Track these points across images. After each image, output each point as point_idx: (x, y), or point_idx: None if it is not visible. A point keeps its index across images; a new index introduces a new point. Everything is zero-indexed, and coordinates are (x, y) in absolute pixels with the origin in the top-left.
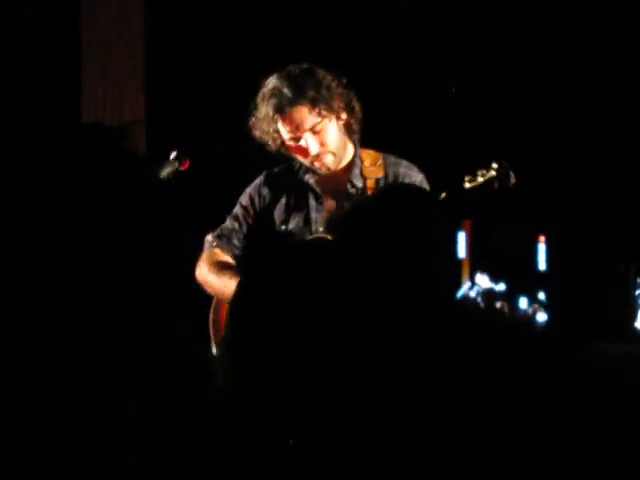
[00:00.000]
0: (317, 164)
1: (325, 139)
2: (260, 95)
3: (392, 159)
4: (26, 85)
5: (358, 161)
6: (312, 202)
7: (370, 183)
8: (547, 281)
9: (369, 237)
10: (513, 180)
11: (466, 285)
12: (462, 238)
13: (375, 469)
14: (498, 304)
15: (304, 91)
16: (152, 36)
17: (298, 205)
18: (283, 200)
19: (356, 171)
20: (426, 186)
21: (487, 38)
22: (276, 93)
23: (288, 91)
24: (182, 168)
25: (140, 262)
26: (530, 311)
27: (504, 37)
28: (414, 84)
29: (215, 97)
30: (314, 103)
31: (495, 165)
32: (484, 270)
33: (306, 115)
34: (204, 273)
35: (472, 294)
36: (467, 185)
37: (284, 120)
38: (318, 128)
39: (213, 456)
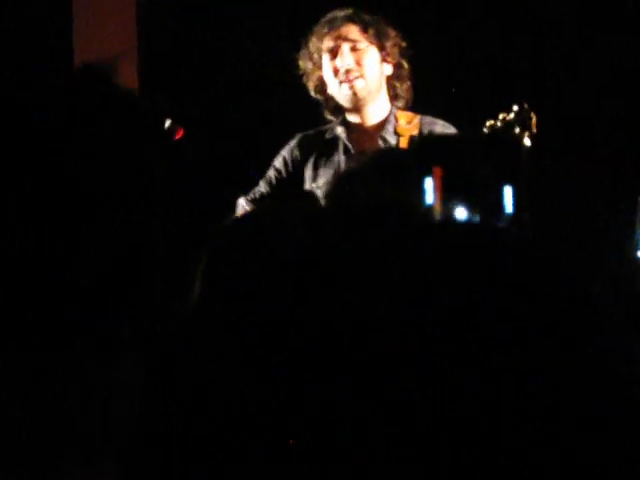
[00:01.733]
0: (346, 86)
1: (362, 59)
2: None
3: (429, 119)
4: (17, 52)
5: (392, 118)
6: (342, 157)
7: (403, 141)
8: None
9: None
10: (534, 122)
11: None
12: (430, 184)
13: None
14: None
15: (360, 15)
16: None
17: (328, 161)
18: (315, 158)
19: (389, 128)
20: None
21: None
22: (331, 16)
23: (344, 12)
24: (176, 137)
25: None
26: None
27: None
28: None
29: (212, 67)
30: (367, 26)
31: (516, 108)
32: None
33: (354, 31)
34: None
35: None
36: (486, 129)
37: (331, 35)
38: (360, 46)
39: (213, 456)
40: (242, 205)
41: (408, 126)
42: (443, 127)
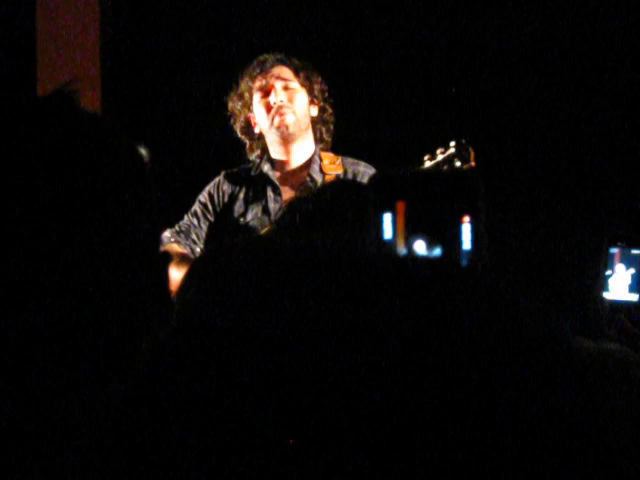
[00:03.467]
0: (278, 119)
1: (293, 98)
2: (245, 68)
3: (350, 159)
4: None
5: (317, 158)
6: (270, 193)
7: (329, 178)
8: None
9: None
10: (472, 155)
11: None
12: (388, 219)
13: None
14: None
15: (291, 59)
16: (108, 31)
17: (256, 197)
18: (242, 194)
19: (315, 167)
20: None
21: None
22: (262, 58)
23: (275, 55)
24: None
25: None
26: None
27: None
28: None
29: (174, 91)
30: (297, 69)
31: (453, 143)
32: (422, 237)
33: (286, 72)
34: None
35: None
36: (426, 164)
37: (263, 75)
38: (291, 86)
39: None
40: (167, 237)
41: (332, 166)
42: (365, 167)
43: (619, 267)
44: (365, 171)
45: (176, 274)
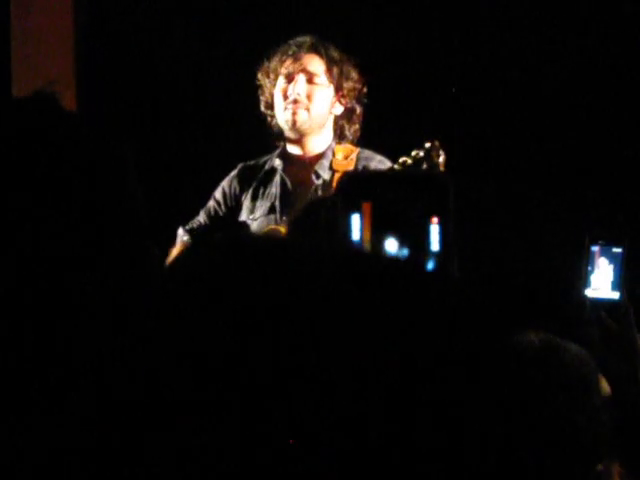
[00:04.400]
0: (289, 112)
1: (313, 94)
2: (282, 45)
3: (367, 152)
4: None
5: (329, 153)
6: (278, 189)
7: (338, 177)
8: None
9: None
10: (442, 160)
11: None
12: (356, 220)
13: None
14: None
15: (328, 50)
16: (83, 34)
17: (265, 193)
18: (251, 189)
19: (325, 162)
20: None
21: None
22: (300, 40)
23: (313, 40)
24: None
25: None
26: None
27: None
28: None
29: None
30: (331, 62)
31: (427, 145)
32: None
33: (316, 64)
34: None
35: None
36: (397, 166)
37: (292, 60)
38: (316, 80)
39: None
40: (180, 235)
41: (344, 161)
42: (379, 162)
43: (600, 265)
44: (376, 167)
45: None
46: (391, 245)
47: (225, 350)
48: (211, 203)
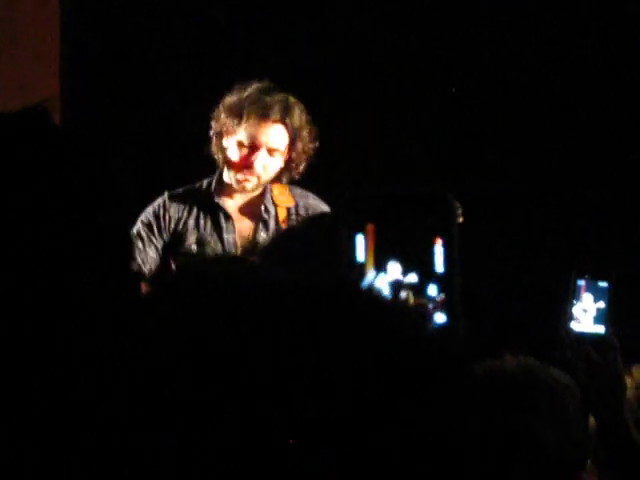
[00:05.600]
0: (240, 178)
1: (269, 167)
2: (247, 90)
3: (299, 191)
4: None
5: (268, 188)
6: (223, 224)
7: (281, 211)
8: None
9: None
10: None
11: (371, 275)
12: (361, 241)
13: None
14: (403, 294)
15: (294, 118)
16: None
17: (210, 226)
18: (191, 220)
19: (268, 197)
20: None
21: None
22: (269, 100)
23: (284, 106)
24: None
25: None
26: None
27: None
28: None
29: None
30: (293, 133)
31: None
32: (396, 260)
33: (280, 138)
34: None
35: (377, 284)
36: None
37: (260, 124)
38: (275, 155)
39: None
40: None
41: (282, 197)
42: (314, 200)
43: (586, 299)
44: (316, 204)
45: None
46: (394, 266)
47: (225, 350)
48: (141, 229)
